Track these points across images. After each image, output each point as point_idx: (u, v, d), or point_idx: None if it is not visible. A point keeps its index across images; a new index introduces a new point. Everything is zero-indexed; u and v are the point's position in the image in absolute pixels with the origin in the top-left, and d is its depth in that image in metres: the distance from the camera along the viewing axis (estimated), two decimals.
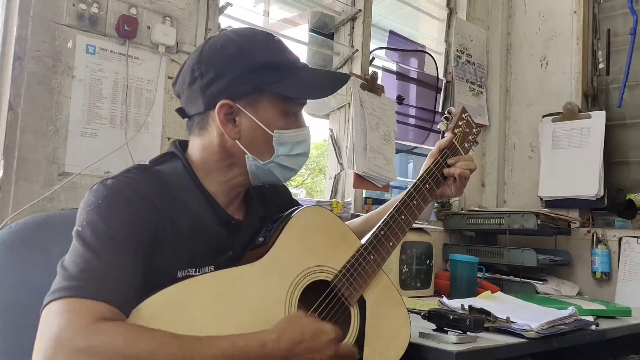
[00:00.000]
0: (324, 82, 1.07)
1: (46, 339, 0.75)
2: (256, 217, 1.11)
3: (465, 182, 1.29)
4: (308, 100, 1.09)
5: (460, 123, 1.36)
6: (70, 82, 1.54)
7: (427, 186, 1.25)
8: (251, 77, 0.99)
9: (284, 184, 1.24)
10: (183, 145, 1.08)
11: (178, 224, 0.95)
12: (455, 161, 1.28)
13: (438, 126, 1.38)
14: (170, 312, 0.86)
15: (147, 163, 1.03)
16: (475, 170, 2.76)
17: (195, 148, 1.05)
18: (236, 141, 1.01)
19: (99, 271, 0.83)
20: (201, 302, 0.89)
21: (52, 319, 0.77)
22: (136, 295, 0.86)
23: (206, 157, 1.04)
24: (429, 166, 1.28)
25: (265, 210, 1.15)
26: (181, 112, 1.08)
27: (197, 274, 0.96)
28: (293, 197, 1.29)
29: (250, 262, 0.98)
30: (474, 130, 1.38)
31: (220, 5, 1.87)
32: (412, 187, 1.23)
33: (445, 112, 1.38)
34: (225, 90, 0.99)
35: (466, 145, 1.36)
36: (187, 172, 1.02)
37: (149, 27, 1.67)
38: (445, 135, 1.35)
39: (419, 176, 1.27)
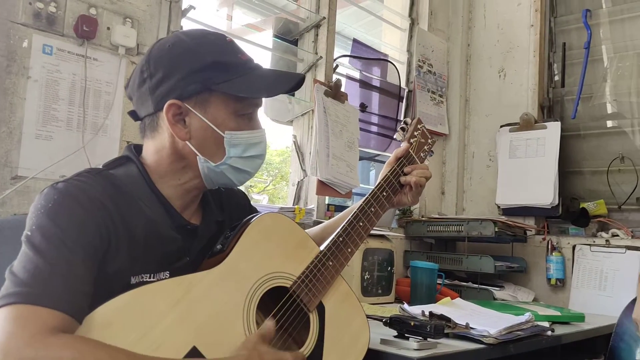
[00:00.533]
0: (277, 81, 1.05)
1: None
2: (213, 222, 1.10)
3: (421, 190, 1.32)
4: (271, 106, 1.09)
5: (415, 133, 1.40)
6: (25, 83, 1.49)
7: (385, 194, 1.27)
8: (199, 76, 0.97)
9: (242, 189, 1.24)
10: (138, 149, 1.06)
11: (132, 229, 0.93)
12: (412, 169, 1.31)
13: (395, 136, 1.42)
14: (125, 318, 0.84)
15: (100, 167, 1.01)
16: (436, 179, 2.80)
17: (149, 151, 1.03)
18: (187, 142, 0.99)
19: (49, 277, 0.80)
20: (158, 309, 0.87)
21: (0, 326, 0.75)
22: (87, 302, 0.83)
23: (159, 160, 1.02)
24: (386, 174, 1.30)
25: (223, 215, 1.14)
26: (133, 114, 1.06)
27: (152, 280, 0.95)
28: (252, 203, 1.28)
29: (208, 269, 0.96)
30: (429, 140, 1.43)
31: (183, 8, 1.84)
32: (370, 195, 1.25)
33: (402, 123, 1.42)
34: (173, 90, 0.97)
35: (422, 154, 1.40)
36: (141, 176, 1.00)
37: (108, 28, 1.64)
38: (401, 145, 1.39)
39: (376, 184, 1.28)
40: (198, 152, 1.00)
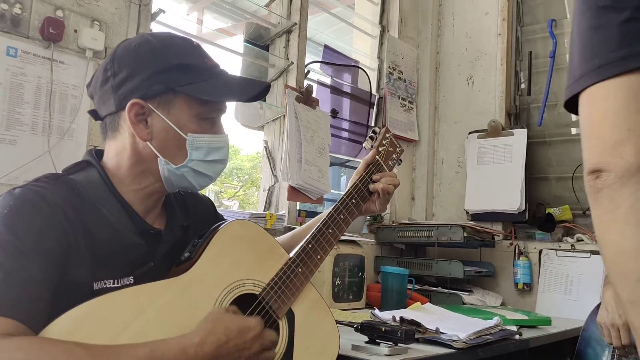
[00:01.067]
0: (242, 87, 1.06)
1: None
2: (177, 226, 1.09)
3: (389, 198, 1.33)
4: (242, 112, 1.09)
5: (384, 142, 1.42)
6: None
7: (354, 201, 1.28)
8: (164, 76, 0.97)
9: (208, 196, 1.24)
10: (99, 153, 1.04)
11: (93, 235, 0.91)
12: (380, 177, 1.32)
13: (363, 144, 1.44)
14: (88, 327, 0.81)
15: (59, 172, 0.99)
16: (406, 184, 2.81)
17: (110, 154, 1.02)
18: (148, 143, 0.98)
19: (3, 285, 0.78)
20: (122, 317, 0.85)
21: None
22: (45, 310, 0.81)
23: (119, 162, 1.00)
24: (355, 182, 1.31)
25: (188, 220, 1.12)
26: (94, 114, 1.04)
27: (115, 285, 0.93)
28: (220, 210, 1.27)
29: (175, 277, 0.95)
30: (397, 149, 1.45)
31: (152, 12, 1.82)
32: (339, 202, 1.26)
33: (370, 132, 1.43)
34: (137, 90, 0.96)
35: (390, 162, 1.42)
36: (102, 181, 0.98)
37: (76, 31, 1.61)
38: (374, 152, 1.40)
39: (345, 192, 1.29)
40: (159, 153, 0.98)
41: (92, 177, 0.98)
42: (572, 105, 0.72)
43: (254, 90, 1.05)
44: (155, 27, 1.85)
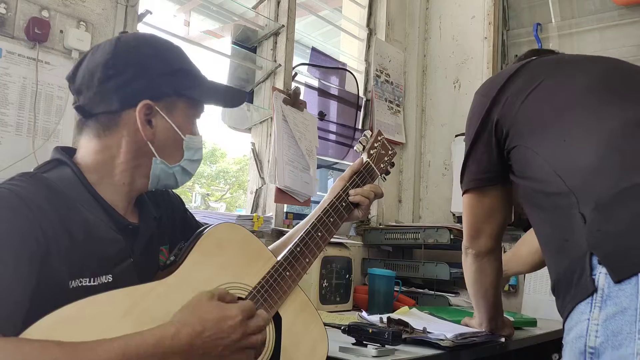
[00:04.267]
0: (227, 94, 1.13)
1: None
2: (151, 218, 1.08)
3: (366, 208, 1.32)
4: (229, 114, 1.12)
5: (375, 145, 1.41)
6: None
7: (344, 204, 1.28)
8: (170, 79, 1.01)
9: (177, 194, 1.25)
10: (69, 151, 1.03)
11: (71, 232, 0.90)
12: (355, 193, 1.31)
13: (354, 148, 1.44)
14: (69, 331, 0.79)
15: (31, 171, 0.97)
16: (393, 187, 2.82)
17: (93, 150, 1.00)
18: (148, 143, 1.00)
19: None
20: (104, 321, 0.84)
21: None
22: (20, 315, 0.79)
23: (108, 159, 1.00)
24: (346, 186, 1.32)
25: (159, 211, 1.12)
26: (81, 110, 1.02)
27: (92, 283, 0.91)
28: (186, 207, 1.26)
29: (160, 280, 0.94)
30: (390, 152, 1.44)
31: (139, 13, 1.81)
32: (329, 205, 1.26)
33: (362, 135, 1.43)
34: (145, 91, 0.99)
35: (382, 165, 1.41)
36: (76, 178, 0.97)
37: (61, 31, 1.59)
38: (362, 157, 1.41)
39: (336, 194, 1.29)
40: (157, 153, 1.01)
41: (65, 175, 0.97)
42: None
43: (239, 97, 1.14)
44: (142, 28, 1.84)
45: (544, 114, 1.18)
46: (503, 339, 1.56)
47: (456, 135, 2.82)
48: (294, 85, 2.37)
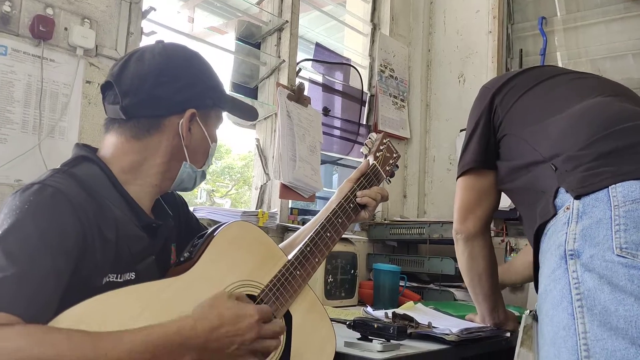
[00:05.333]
0: (246, 110, 1.23)
1: None
2: (169, 218, 1.13)
3: (373, 209, 1.36)
4: None
5: (381, 147, 1.45)
6: None
7: (351, 205, 1.31)
8: (212, 93, 1.11)
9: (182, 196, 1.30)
10: (90, 148, 1.06)
11: (104, 230, 0.93)
12: (362, 195, 1.34)
13: (361, 150, 1.49)
14: (92, 323, 0.82)
15: (59, 167, 0.99)
16: (398, 182, 2.82)
17: (125, 150, 1.03)
18: (185, 148, 1.06)
19: (13, 282, 0.78)
20: (123, 315, 0.86)
21: None
22: (52, 309, 0.82)
23: (143, 160, 1.04)
24: (353, 187, 1.34)
25: (172, 211, 1.17)
26: (123, 110, 1.03)
27: (119, 280, 0.95)
28: (189, 207, 1.30)
29: (176, 276, 0.96)
30: (394, 155, 1.48)
31: (143, 9, 1.81)
32: (337, 206, 1.29)
33: (368, 138, 1.47)
34: (193, 100, 1.06)
35: (387, 168, 1.45)
36: (104, 175, 1.00)
37: (66, 29, 1.60)
38: (368, 159, 1.44)
39: (344, 195, 1.32)
40: (189, 157, 1.08)
41: (92, 172, 0.99)
42: None
43: (253, 113, 1.24)
44: (146, 25, 1.84)
45: (532, 109, 1.32)
46: (509, 334, 1.56)
47: (461, 130, 2.81)
48: (298, 81, 2.37)
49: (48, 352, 0.73)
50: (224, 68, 2.28)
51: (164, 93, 1.03)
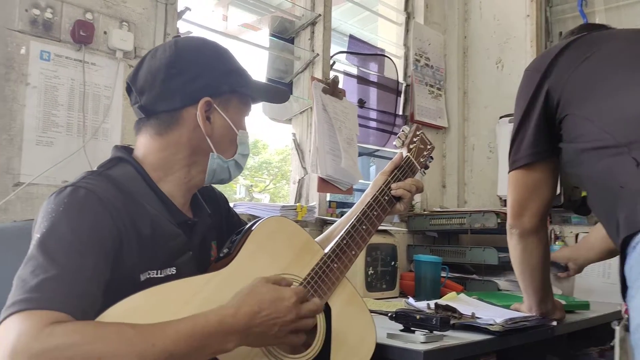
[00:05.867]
0: (274, 92, 1.21)
1: (2, 353, 0.73)
2: (206, 215, 1.14)
3: (408, 201, 1.35)
4: (270, 106, 1.18)
5: (414, 139, 1.44)
6: (25, 90, 1.49)
7: (386, 197, 1.30)
8: (228, 78, 1.07)
9: (222, 193, 1.30)
10: (128, 149, 1.08)
11: (138, 228, 0.95)
12: (397, 187, 1.33)
13: (394, 142, 1.47)
14: (136, 319, 0.84)
15: (95, 169, 1.02)
16: (436, 172, 2.79)
17: (154, 148, 1.05)
18: (207, 138, 1.05)
19: (55, 281, 0.81)
20: (167, 309, 0.88)
21: (8, 332, 0.75)
22: (95, 307, 0.84)
23: (169, 156, 1.04)
24: (387, 180, 1.34)
25: (210, 209, 1.17)
26: (143, 109, 1.06)
27: (159, 275, 0.97)
28: (229, 204, 1.30)
29: (216, 271, 0.98)
30: (428, 146, 1.47)
31: (178, 10, 1.84)
32: (372, 199, 1.28)
33: (400, 130, 1.46)
34: (207, 88, 1.04)
35: (421, 159, 1.44)
36: (139, 175, 1.02)
37: (105, 33, 1.64)
38: (402, 152, 1.43)
39: (378, 188, 1.31)
40: (214, 147, 1.06)
41: (128, 172, 1.01)
42: None
43: (283, 97, 1.22)
44: (182, 25, 1.87)
45: (592, 82, 1.21)
46: (555, 323, 1.52)
47: (500, 117, 2.76)
48: (332, 74, 2.37)
49: (99, 347, 0.76)
50: (259, 64, 2.30)
51: (175, 85, 1.02)
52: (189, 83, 1.03)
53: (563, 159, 1.29)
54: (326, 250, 1.14)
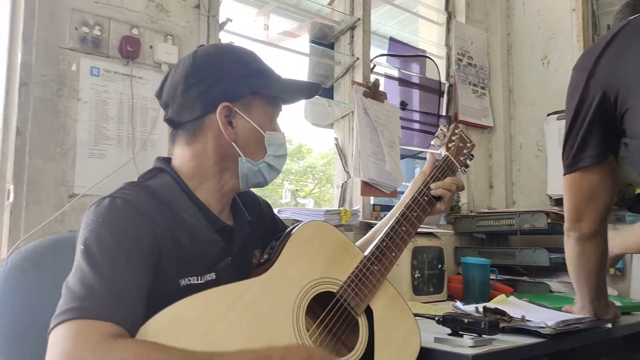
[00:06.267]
0: (302, 87, 1.16)
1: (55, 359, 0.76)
2: (246, 222, 1.14)
3: (448, 201, 1.32)
4: (311, 111, 1.15)
5: (453, 138, 1.42)
6: (76, 105, 1.55)
7: (426, 198, 1.29)
8: (247, 80, 1.06)
9: (267, 200, 1.30)
10: (167, 160, 1.10)
11: (176, 236, 0.96)
12: (436, 187, 1.31)
13: (432, 142, 1.45)
14: (179, 327, 0.86)
15: (136, 180, 1.05)
16: (483, 172, 2.75)
17: (186, 158, 1.07)
18: (232, 143, 1.05)
19: (103, 290, 0.83)
20: (210, 315, 0.89)
21: (60, 342, 0.77)
22: (141, 313, 0.86)
23: (200, 164, 1.06)
24: (426, 179, 1.32)
25: (251, 216, 1.18)
26: (170, 122, 1.09)
27: (199, 281, 0.98)
28: (274, 212, 1.31)
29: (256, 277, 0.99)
30: (468, 144, 1.44)
31: (220, 22, 1.88)
32: (411, 200, 1.27)
33: (438, 130, 1.44)
34: (225, 94, 1.04)
35: (461, 158, 1.42)
36: (176, 184, 1.04)
37: (151, 47, 1.69)
38: (440, 151, 1.42)
39: (417, 189, 1.30)
40: (241, 152, 1.06)
41: (166, 182, 1.04)
42: None
43: (312, 92, 1.16)
44: (224, 36, 1.91)
45: None
46: (609, 325, 1.47)
47: (548, 114, 2.69)
48: (373, 77, 2.36)
49: None
50: (300, 71, 2.33)
51: (194, 94, 1.04)
52: (207, 90, 1.03)
53: (625, 156, 1.24)
54: (366, 253, 1.13)
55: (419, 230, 1.41)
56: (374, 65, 2.41)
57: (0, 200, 1.48)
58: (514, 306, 1.65)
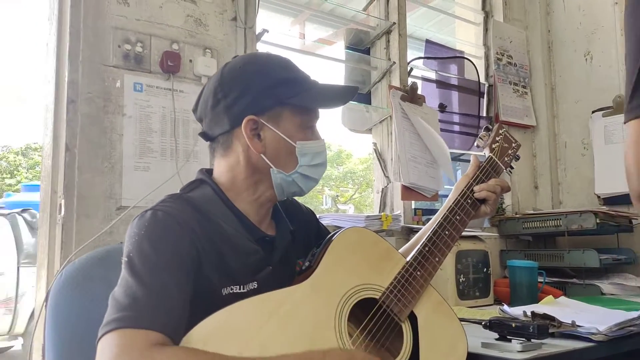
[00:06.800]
0: (336, 93, 1.12)
1: None
2: (287, 231, 1.15)
3: (493, 203, 1.29)
4: (348, 116, 1.12)
5: (497, 139, 1.39)
6: (122, 120, 1.61)
7: (469, 201, 1.26)
8: (272, 92, 1.05)
9: (310, 208, 1.29)
10: (210, 171, 1.12)
11: (216, 246, 0.98)
12: (480, 189, 1.28)
13: (475, 142, 1.41)
14: (222, 335, 0.87)
15: (178, 192, 1.08)
16: (527, 173, 2.69)
17: (222, 170, 1.09)
18: (262, 155, 1.05)
19: (148, 300, 0.85)
20: (253, 323, 0.90)
21: (106, 351, 0.80)
22: (184, 321, 0.88)
23: (234, 177, 1.08)
24: (469, 182, 1.30)
25: (294, 225, 1.18)
26: (205, 136, 1.12)
27: (242, 290, 0.99)
28: (318, 220, 1.30)
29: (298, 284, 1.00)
30: (513, 145, 1.41)
31: (257, 33, 1.91)
32: (453, 203, 1.25)
33: (482, 130, 1.41)
34: (250, 107, 1.04)
35: (505, 159, 1.38)
36: (217, 196, 1.06)
37: (190, 61, 1.73)
38: (484, 152, 1.39)
39: (460, 192, 1.28)
40: (272, 163, 1.06)
41: (207, 194, 1.06)
42: None
43: (346, 97, 1.12)
44: (261, 47, 1.94)
45: None
46: None
47: (593, 111, 2.62)
48: (410, 80, 2.35)
49: None
50: (336, 77, 2.34)
51: (222, 109, 1.05)
52: (233, 104, 1.04)
53: None
54: (408, 258, 1.12)
55: (462, 234, 1.39)
56: (411, 69, 2.39)
57: (52, 214, 1.54)
58: (564, 307, 1.61)
